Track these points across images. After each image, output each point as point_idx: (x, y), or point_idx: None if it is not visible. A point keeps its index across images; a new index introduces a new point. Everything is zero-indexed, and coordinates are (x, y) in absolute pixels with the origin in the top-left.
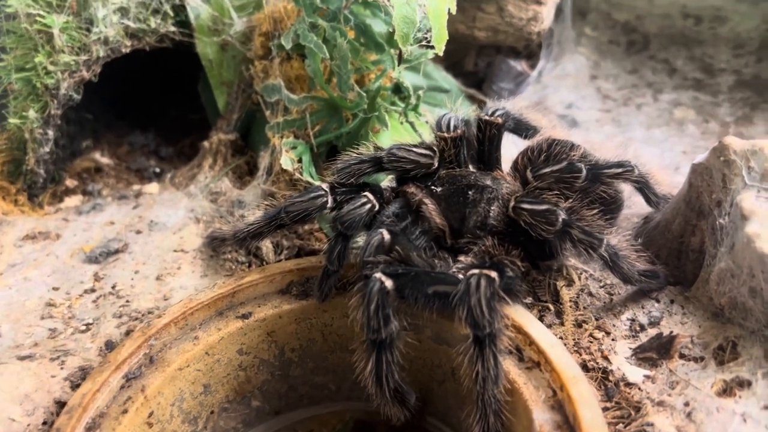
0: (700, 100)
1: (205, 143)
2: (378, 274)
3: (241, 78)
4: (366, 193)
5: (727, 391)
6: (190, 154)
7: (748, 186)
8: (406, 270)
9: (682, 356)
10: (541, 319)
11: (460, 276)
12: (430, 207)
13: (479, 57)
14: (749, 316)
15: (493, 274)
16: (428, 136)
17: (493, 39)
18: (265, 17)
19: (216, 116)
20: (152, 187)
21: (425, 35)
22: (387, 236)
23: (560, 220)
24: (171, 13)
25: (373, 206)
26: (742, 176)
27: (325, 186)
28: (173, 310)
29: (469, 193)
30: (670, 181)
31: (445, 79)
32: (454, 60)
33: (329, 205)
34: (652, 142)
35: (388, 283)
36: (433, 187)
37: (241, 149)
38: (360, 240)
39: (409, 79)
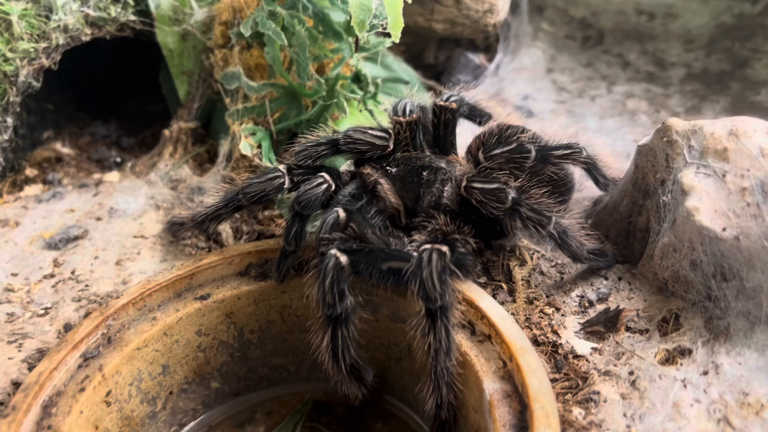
0: (652, 92)
1: (166, 131)
2: (333, 251)
3: (201, 67)
4: (322, 174)
5: (669, 359)
6: (151, 145)
7: (688, 163)
8: (361, 246)
9: (628, 329)
10: (494, 296)
11: (414, 253)
12: (385, 187)
13: (439, 50)
14: (691, 289)
15: (445, 248)
16: (387, 124)
17: (450, 31)
18: (224, 6)
19: (177, 105)
20: (113, 176)
21: (382, 23)
22: (342, 214)
23: (510, 198)
24: (131, 2)
25: (330, 186)
26: (684, 155)
27: (282, 168)
28: (131, 291)
29: (424, 173)
30: (621, 166)
31: (405, 70)
32: (414, 52)
33: (286, 186)
34: (605, 132)
35: (343, 259)
36: (388, 168)
37: (202, 138)
38: (317, 223)
39: (368, 70)
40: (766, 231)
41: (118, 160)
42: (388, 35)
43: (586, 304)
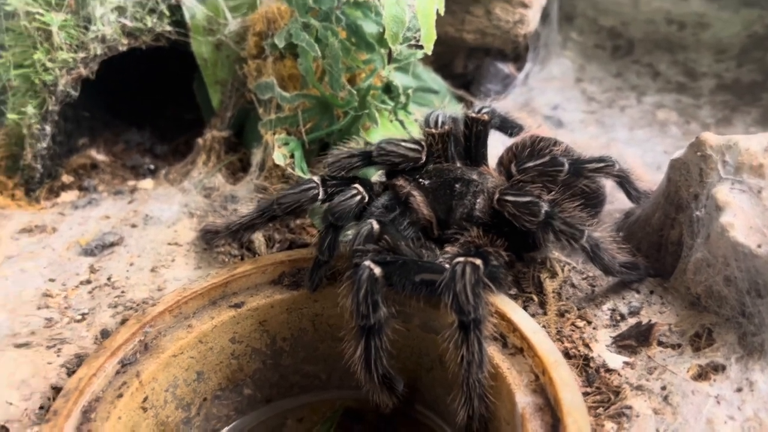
0: (683, 103)
1: (199, 140)
2: (367, 262)
3: (235, 77)
4: (356, 185)
5: (702, 375)
6: (184, 152)
7: (722, 179)
8: (395, 258)
9: (660, 343)
10: (525, 308)
11: (447, 265)
12: (418, 199)
13: (468, 60)
14: (724, 304)
15: (478, 261)
16: (417, 134)
17: (481, 41)
18: (258, 17)
19: (210, 114)
20: (147, 183)
21: (414, 35)
22: (376, 226)
23: (543, 211)
24: (167, 13)
25: (363, 197)
26: (718, 170)
27: (316, 179)
28: (167, 298)
29: (456, 186)
30: (652, 178)
31: (434, 80)
32: (443, 62)
33: (320, 197)
34: (635, 143)
35: (377, 271)
36: (421, 180)
37: (235, 146)
38: (350, 233)
39: (399, 80)
40: None
41: (152, 167)
42: (421, 47)
43: (618, 318)
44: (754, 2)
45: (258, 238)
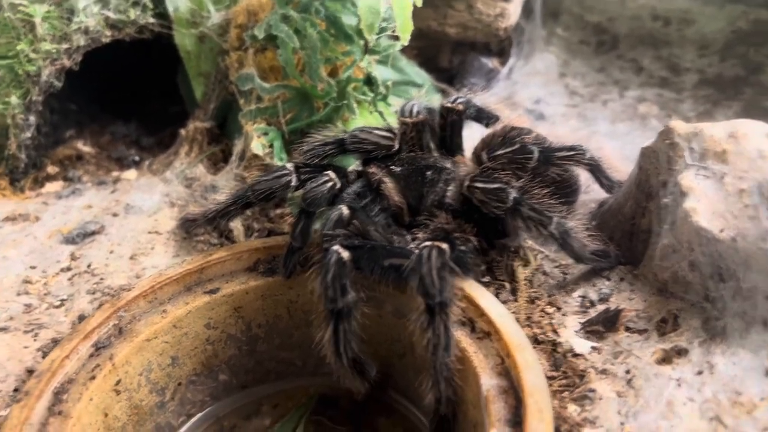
0: (665, 97)
1: (182, 131)
2: (336, 246)
3: (217, 69)
4: (328, 172)
5: (666, 359)
6: (170, 144)
7: (689, 165)
8: (363, 243)
9: (627, 329)
10: (496, 295)
11: (416, 250)
12: (389, 185)
13: (453, 54)
14: (690, 290)
15: (444, 245)
16: (396, 125)
17: (463, 35)
18: (240, 10)
19: (194, 106)
20: (130, 174)
21: (392, 26)
22: (346, 211)
23: (511, 198)
24: (150, 5)
25: (335, 184)
26: (684, 157)
27: (290, 166)
28: (142, 284)
29: (428, 173)
30: (629, 170)
31: (418, 74)
32: (428, 56)
33: (293, 183)
34: (616, 136)
35: (345, 255)
36: (393, 167)
37: (218, 138)
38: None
39: (380, 73)
40: (762, 232)
41: (137, 158)
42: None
43: (588, 304)
44: None
45: (237, 227)
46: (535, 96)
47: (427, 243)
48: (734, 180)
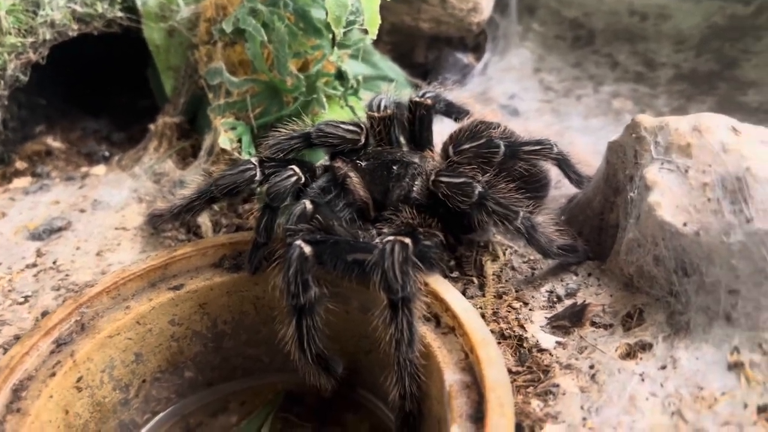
0: (639, 92)
1: (152, 126)
2: (298, 241)
3: (187, 63)
4: (292, 167)
5: (630, 354)
6: (141, 139)
7: (654, 159)
8: (326, 238)
9: (592, 324)
10: (464, 291)
11: (379, 245)
12: (354, 180)
13: (429, 50)
14: (654, 284)
15: (407, 240)
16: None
17: (436, 30)
18: (209, 3)
19: (164, 101)
20: (99, 169)
21: (360, 20)
22: (309, 206)
23: (476, 192)
24: None
25: (299, 178)
26: (650, 151)
27: (254, 160)
28: (105, 279)
29: (394, 167)
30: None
31: (391, 68)
32: (402, 51)
33: (258, 178)
34: (589, 131)
35: (307, 250)
36: (359, 162)
37: (187, 133)
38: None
39: (352, 67)
40: (725, 226)
41: (107, 154)
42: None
43: (555, 299)
44: None
45: (205, 222)
46: (510, 91)
47: (390, 238)
48: (697, 174)
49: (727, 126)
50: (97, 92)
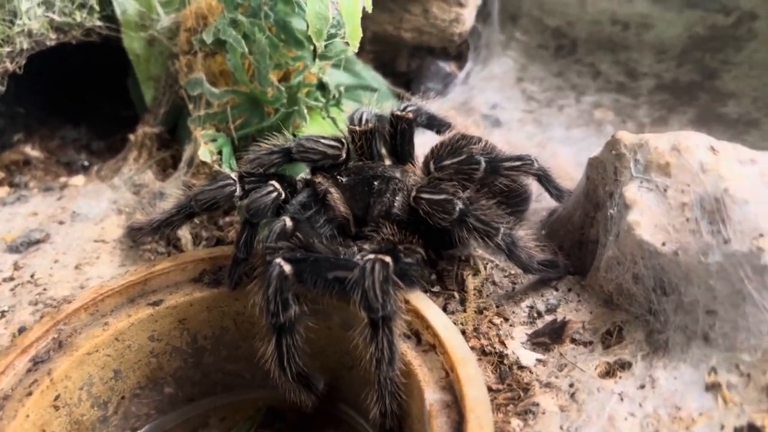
0: (621, 102)
1: (131, 136)
2: (278, 259)
3: (168, 73)
4: (272, 182)
5: (609, 372)
6: (121, 149)
7: (633, 177)
8: (306, 255)
9: (573, 341)
10: (445, 306)
11: (360, 263)
12: (335, 196)
13: (411, 58)
14: (634, 302)
15: (387, 258)
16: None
17: (418, 40)
18: (189, 13)
19: (144, 110)
20: (78, 180)
21: (341, 32)
22: (289, 223)
23: (457, 209)
24: (97, 8)
25: (279, 194)
26: (630, 168)
27: (234, 175)
28: (83, 295)
29: (375, 183)
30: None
31: (374, 78)
32: (385, 60)
33: (237, 193)
34: (570, 142)
35: (287, 268)
36: (339, 177)
37: (168, 143)
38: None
39: (335, 77)
40: (703, 246)
41: (86, 163)
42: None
43: (535, 315)
44: (697, 3)
45: (185, 235)
46: (492, 101)
47: (370, 256)
48: (676, 193)
49: (705, 145)
50: (77, 101)
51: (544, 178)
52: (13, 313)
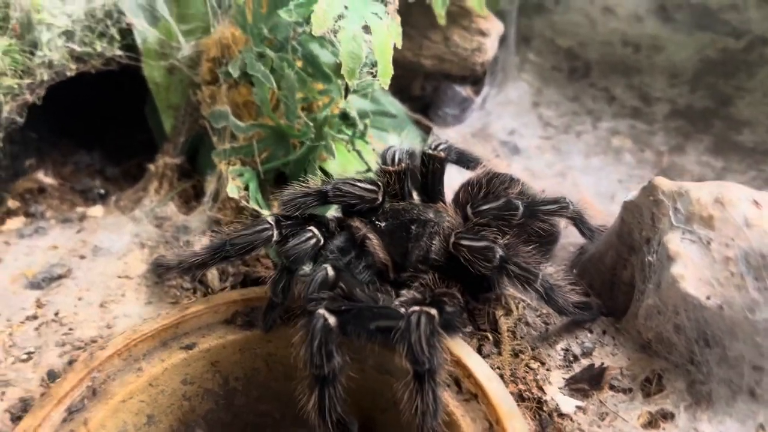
0: (637, 129)
1: (151, 166)
2: (321, 311)
3: (188, 102)
4: (311, 227)
5: (652, 422)
6: (136, 175)
7: (674, 227)
8: (349, 306)
9: (611, 387)
10: (480, 348)
11: (402, 310)
12: (374, 242)
13: (426, 81)
14: (674, 351)
15: (433, 311)
16: (375, 163)
17: (439, 67)
18: (212, 43)
19: (163, 139)
20: (97, 210)
21: (371, 70)
22: (331, 272)
23: (497, 256)
24: (117, 37)
25: (318, 241)
26: (669, 217)
27: (270, 219)
28: (116, 341)
29: (412, 227)
30: (605, 208)
31: (392, 104)
32: (401, 85)
33: (275, 239)
34: (590, 171)
35: (332, 320)
36: (377, 222)
37: (188, 173)
38: (307, 269)
39: (356, 104)
40: (749, 302)
41: (102, 191)
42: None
43: (571, 359)
44: (706, 26)
45: (211, 271)
46: (509, 127)
47: (416, 308)
48: (720, 247)
49: (749, 199)
50: (91, 126)
51: (579, 221)
52: (40, 354)
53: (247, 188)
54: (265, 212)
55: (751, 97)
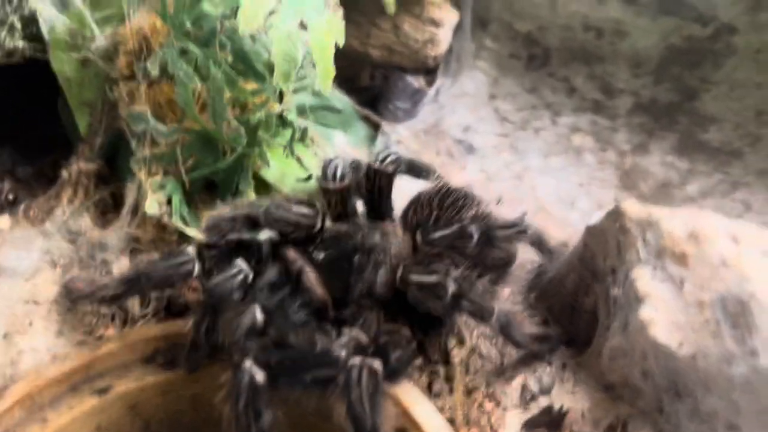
0: (598, 125)
1: (64, 173)
2: (248, 364)
3: (105, 98)
4: (238, 261)
5: None
6: (50, 176)
7: (643, 261)
8: (281, 356)
9: None
10: (430, 385)
11: (344, 353)
12: (310, 276)
13: (375, 71)
14: (640, 397)
15: (377, 364)
16: (318, 168)
17: (387, 58)
18: (130, 33)
19: (77, 140)
20: (4, 222)
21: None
22: (259, 316)
23: (449, 293)
24: (19, 26)
25: (246, 276)
26: (638, 248)
27: (191, 250)
28: (17, 389)
29: (355, 258)
30: (565, 217)
31: (338, 98)
32: (348, 75)
33: (196, 273)
34: (549, 172)
35: (259, 377)
36: (315, 253)
37: (106, 178)
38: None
39: (296, 99)
40: (725, 353)
41: (11, 197)
42: None
43: (528, 397)
44: (671, 11)
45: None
46: (464, 122)
47: (357, 361)
48: (695, 288)
49: (728, 234)
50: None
51: (538, 243)
52: None
53: (170, 202)
54: (189, 230)
55: (717, 90)
